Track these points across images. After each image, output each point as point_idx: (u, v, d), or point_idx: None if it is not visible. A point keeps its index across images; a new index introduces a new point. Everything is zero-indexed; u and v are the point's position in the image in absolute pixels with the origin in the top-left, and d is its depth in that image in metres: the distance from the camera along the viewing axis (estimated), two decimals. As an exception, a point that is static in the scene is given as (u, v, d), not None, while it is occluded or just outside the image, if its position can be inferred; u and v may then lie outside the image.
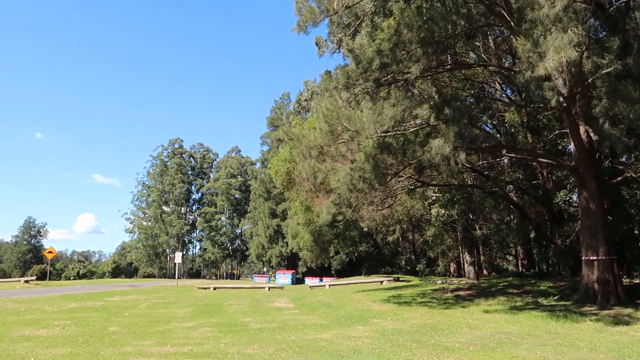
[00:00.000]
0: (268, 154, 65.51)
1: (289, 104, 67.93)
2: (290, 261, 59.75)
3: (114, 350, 7.42)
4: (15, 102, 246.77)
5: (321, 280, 44.77)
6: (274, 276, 55.00)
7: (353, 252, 48.12)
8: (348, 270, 49.69)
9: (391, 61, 12.10)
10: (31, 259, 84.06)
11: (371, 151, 12.94)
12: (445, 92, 14.30)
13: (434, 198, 24.98)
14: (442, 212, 24.54)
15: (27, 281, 35.20)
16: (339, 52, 26.47)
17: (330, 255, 46.92)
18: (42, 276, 50.23)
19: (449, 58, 14.59)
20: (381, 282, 27.54)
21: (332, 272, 51.10)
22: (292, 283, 48.35)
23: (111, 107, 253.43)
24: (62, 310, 14.58)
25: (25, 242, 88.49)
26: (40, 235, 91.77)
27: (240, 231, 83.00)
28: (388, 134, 12.75)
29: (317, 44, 31.03)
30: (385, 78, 12.76)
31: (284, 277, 49.86)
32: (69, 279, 74.73)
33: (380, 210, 22.32)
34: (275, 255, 61.70)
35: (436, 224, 28.39)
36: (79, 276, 77.87)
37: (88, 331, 9.75)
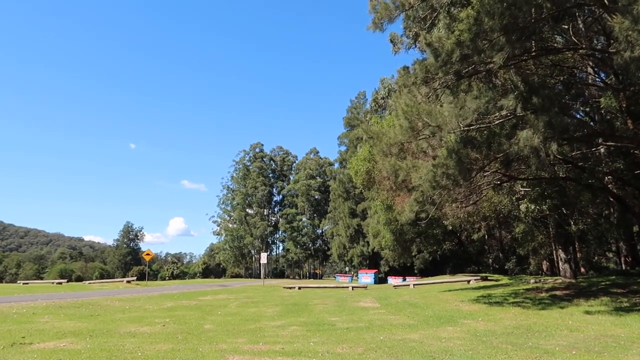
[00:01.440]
0: (346, 154, 65.67)
1: (365, 102, 67.68)
2: (372, 260, 59.47)
3: (210, 347, 7.78)
4: (112, 116, 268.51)
5: (404, 279, 44.13)
6: (357, 275, 55.02)
7: (436, 250, 46.93)
8: (431, 269, 48.59)
9: (472, 52, 11.65)
10: (130, 260, 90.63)
11: (454, 146, 12.53)
12: (532, 81, 13.48)
13: (522, 193, 23.67)
14: (532, 207, 23.17)
15: (128, 281, 38.13)
16: (415, 47, 25.89)
17: (413, 254, 46.11)
18: (141, 277, 54.02)
19: (533, 44, 13.78)
20: (468, 281, 26.61)
21: (415, 271, 50.20)
22: (375, 282, 48.10)
23: (196, 116, 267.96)
24: (161, 308, 15.56)
25: (125, 245, 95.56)
26: (138, 239, 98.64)
27: (321, 231, 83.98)
28: (471, 127, 12.28)
29: (391, 41, 30.57)
30: (466, 70, 12.30)
31: (367, 277, 49.74)
32: (164, 279, 79.77)
33: (465, 207, 21.51)
34: (357, 254, 61.69)
35: (526, 220, 26.90)
36: (173, 276, 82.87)
37: (186, 329, 10.32)
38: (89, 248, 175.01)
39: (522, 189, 23.22)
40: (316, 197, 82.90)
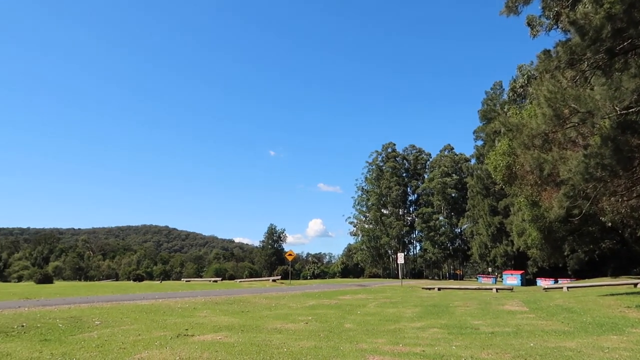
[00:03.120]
0: (483, 148, 62.38)
1: (502, 93, 63.58)
2: (517, 261, 55.60)
3: (351, 347, 7.93)
4: (253, 125, 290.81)
5: (556, 281, 40.52)
6: (501, 277, 52.01)
7: (593, 250, 42.23)
8: (588, 270, 43.82)
9: (627, 25, 10.29)
10: (275, 260, 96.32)
11: (609, 133, 11.18)
12: None
13: (701, 181, 20.19)
14: None
15: (274, 280, 40.65)
16: (556, 28, 23.66)
17: (565, 253, 42.09)
18: (285, 275, 57.09)
19: None
20: (635, 284, 23.49)
21: (569, 272, 45.77)
22: (522, 284, 45.01)
23: (329, 121, 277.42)
24: (304, 307, 16.30)
25: (269, 246, 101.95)
26: (281, 240, 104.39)
27: (459, 230, 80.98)
28: (630, 110, 10.84)
29: (529, 24, 28.27)
30: (621, 46, 10.90)
31: (512, 278, 46.75)
32: (306, 278, 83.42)
33: (627, 200, 19.01)
34: (500, 254, 58.18)
35: None
36: (314, 276, 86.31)
37: (327, 327, 10.66)
38: (239, 249, 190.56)
39: (701, 178, 19.81)
40: (453, 195, 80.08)
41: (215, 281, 45.01)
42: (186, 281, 48.12)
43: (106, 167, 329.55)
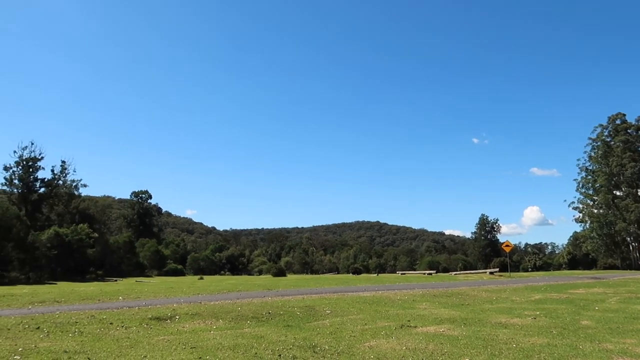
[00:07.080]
0: None
1: None
2: None
3: (592, 346, 7.13)
4: (453, 114, 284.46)
5: None
6: None
7: None
8: None
9: None
10: (490, 252, 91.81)
11: None
12: None
13: None
14: None
15: (491, 272, 39.02)
16: None
17: None
18: (502, 268, 54.15)
19: None
20: None
21: None
22: None
23: (534, 99, 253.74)
24: (528, 300, 15.23)
25: (482, 237, 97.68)
26: (494, 230, 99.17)
27: None
28: None
29: None
30: None
31: None
32: (526, 270, 77.62)
33: None
34: None
35: None
36: (535, 268, 79.75)
37: (559, 323, 9.77)
38: (450, 241, 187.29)
39: None
40: None
41: (430, 274, 45.20)
42: (401, 274, 49.45)
43: (319, 171, 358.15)
